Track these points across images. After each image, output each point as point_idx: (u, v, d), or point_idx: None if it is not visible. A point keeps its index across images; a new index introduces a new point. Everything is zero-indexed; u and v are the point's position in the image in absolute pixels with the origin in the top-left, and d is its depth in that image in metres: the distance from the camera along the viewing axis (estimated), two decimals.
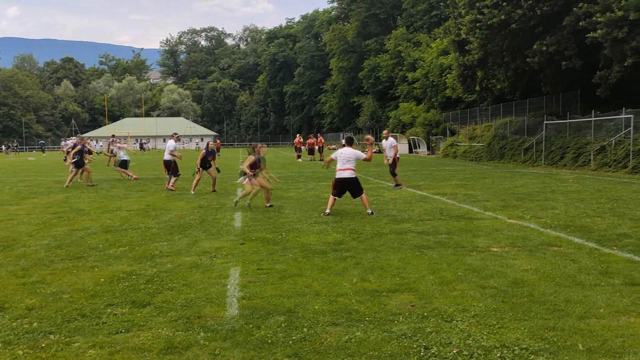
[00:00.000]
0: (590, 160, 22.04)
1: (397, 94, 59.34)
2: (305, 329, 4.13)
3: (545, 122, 26.31)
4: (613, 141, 21.42)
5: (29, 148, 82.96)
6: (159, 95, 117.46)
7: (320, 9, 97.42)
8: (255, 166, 11.23)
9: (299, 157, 36.03)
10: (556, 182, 16.32)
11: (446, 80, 43.19)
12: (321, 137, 39.34)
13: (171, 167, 15.20)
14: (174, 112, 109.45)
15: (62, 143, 33.28)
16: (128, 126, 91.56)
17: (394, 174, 15.27)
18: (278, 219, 9.70)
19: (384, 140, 15.91)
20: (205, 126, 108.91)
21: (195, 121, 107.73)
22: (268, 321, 4.31)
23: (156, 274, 5.76)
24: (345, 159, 10.17)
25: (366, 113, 66.28)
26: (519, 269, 5.87)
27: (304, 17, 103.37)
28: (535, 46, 24.83)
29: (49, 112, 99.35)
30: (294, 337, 3.97)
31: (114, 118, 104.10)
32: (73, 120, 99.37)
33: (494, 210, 10.34)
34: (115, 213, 10.57)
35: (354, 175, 10.12)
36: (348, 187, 10.16)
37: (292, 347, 3.79)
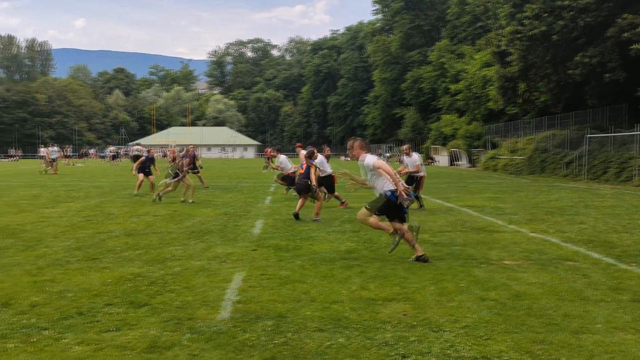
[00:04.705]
0: (633, 175, 21.17)
1: (439, 106, 58.77)
2: (289, 334, 4.16)
3: (587, 135, 25.47)
4: None
5: (78, 155, 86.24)
6: (205, 105, 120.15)
7: (365, 21, 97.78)
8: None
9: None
10: (592, 197, 15.76)
11: (489, 92, 42.49)
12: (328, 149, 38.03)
13: None
14: (219, 122, 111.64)
15: (50, 149, 32.84)
16: (175, 135, 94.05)
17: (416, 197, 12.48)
18: (297, 226, 9.77)
19: (404, 156, 13.12)
20: (249, 136, 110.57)
21: (239, 131, 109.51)
22: (256, 325, 4.36)
23: (161, 277, 5.91)
24: None
25: (408, 124, 65.81)
26: (525, 282, 5.72)
27: (348, 29, 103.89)
28: (577, 58, 24.14)
29: (100, 120, 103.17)
30: (275, 341, 4.00)
31: (161, 127, 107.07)
32: (122, 129, 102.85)
33: (518, 224, 10.09)
34: (142, 217, 10.88)
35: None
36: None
37: (271, 351, 3.83)
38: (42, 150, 32.17)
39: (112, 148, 58.28)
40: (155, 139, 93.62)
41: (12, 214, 11.50)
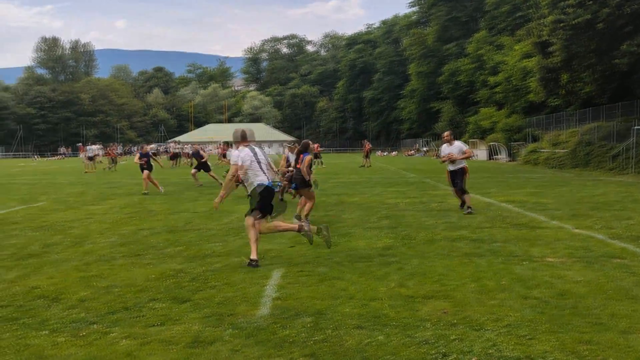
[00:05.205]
0: None
1: (477, 99, 57.69)
2: (329, 331, 4.18)
3: (635, 127, 24.54)
4: None
5: (122, 153, 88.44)
6: (241, 101, 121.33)
7: (401, 14, 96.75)
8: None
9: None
10: None
11: (529, 84, 41.45)
12: (368, 143, 37.47)
13: None
14: (255, 118, 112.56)
15: (88, 148, 32.84)
16: (212, 132, 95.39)
17: (463, 191, 11.20)
18: (335, 223, 9.78)
19: (444, 146, 11.54)
20: (285, 132, 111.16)
21: (275, 127, 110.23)
22: (295, 321, 4.40)
23: (202, 273, 6.02)
24: None
25: (445, 118, 64.89)
26: (570, 280, 5.57)
27: (383, 23, 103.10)
28: (623, 46, 23.28)
29: (140, 118, 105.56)
30: (315, 338, 4.03)
31: (199, 124, 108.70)
32: (162, 126, 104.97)
33: (561, 219, 9.83)
34: (182, 214, 11.10)
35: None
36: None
37: (311, 348, 3.85)
38: (90, 149, 32.72)
39: (152, 146, 59.44)
40: (193, 135, 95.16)
41: (60, 210, 11.93)
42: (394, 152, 77.45)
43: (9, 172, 31.34)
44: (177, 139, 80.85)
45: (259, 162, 6.62)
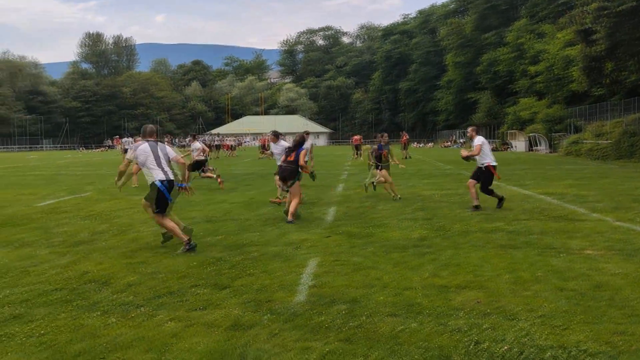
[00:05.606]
0: None
1: (516, 89, 56.51)
2: (363, 318, 4.31)
3: None
4: None
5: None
6: (277, 93, 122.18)
7: (438, 3, 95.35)
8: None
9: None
10: None
11: (572, 73, 40.34)
12: (406, 134, 37.43)
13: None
14: (291, 110, 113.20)
15: (123, 140, 32.79)
16: (248, 124, 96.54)
17: (488, 192, 10.37)
18: (370, 214, 9.89)
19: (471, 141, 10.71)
20: (320, 123, 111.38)
21: (311, 119, 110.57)
22: (331, 308, 4.54)
23: (241, 261, 6.23)
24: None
25: (483, 109, 63.83)
26: (607, 272, 5.54)
27: (420, 12, 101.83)
28: None
29: (179, 111, 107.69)
30: (350, 324, 4.17)
31: (235, 116, 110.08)
32: (200, 119, 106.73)
33: (602, 212, 9.67)
34: (220, 205, 11.39)
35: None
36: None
37: (346, 333, 3.99)
38: (126, 141, 32.48)
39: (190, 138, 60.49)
40: (230, 128, 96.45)
41: (105, 200, 12.42)
42: (430, 144, 76.74)
43: (57, 164, 32.59)
44: (214, 131, 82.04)
45: (157, 158, 6.86)
